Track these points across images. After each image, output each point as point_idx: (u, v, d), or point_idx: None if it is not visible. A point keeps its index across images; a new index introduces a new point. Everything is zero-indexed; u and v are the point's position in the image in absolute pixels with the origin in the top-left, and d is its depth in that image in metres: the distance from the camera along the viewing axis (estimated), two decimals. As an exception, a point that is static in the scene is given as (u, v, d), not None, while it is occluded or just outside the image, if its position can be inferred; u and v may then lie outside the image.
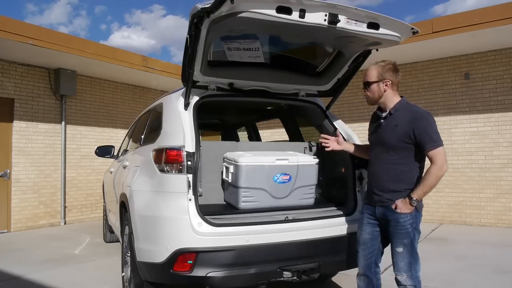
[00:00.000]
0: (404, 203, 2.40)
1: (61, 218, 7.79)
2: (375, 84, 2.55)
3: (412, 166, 2.45)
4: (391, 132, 2.48)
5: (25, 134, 7.31)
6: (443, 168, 2.33)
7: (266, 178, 3.02)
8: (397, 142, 2.44)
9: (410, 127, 2.39)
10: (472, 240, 5.79)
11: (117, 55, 7.56)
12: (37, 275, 4.30)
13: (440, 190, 7.22)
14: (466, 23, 5.95)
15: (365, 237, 2.63)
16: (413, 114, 2.44)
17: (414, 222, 2.44)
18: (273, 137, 8.42)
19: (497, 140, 6.80)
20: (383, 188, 2.51)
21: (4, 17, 5.93)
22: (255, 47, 3.00)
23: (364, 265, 2.64)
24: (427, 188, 2.36)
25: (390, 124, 2.50)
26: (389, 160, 2.48)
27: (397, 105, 2.52)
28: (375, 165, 2.60)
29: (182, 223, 2.59)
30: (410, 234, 2.43)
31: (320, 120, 3.57)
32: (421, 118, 2.40)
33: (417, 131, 2.37)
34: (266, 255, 2.69)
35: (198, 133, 2.88)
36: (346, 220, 2.98)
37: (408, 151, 2.44)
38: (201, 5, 2.32)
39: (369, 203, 2.63)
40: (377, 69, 2.55)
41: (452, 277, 4.02)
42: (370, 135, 2.72)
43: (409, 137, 2.40)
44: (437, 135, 2.37)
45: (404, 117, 2.45)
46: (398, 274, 2.47)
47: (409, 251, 2.44)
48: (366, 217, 2.64)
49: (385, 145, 2.51)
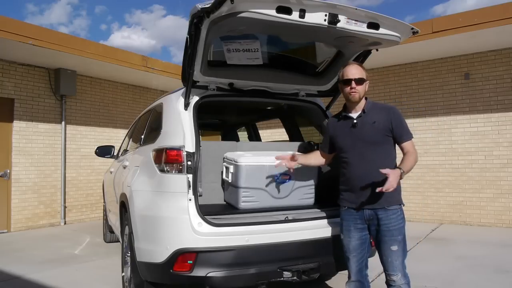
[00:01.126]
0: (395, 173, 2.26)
1: (61, 218, 7.79)
2: (365, 83, 2.57)
3: (392, 158, 2.54)
4: (371, 129, 2.51)
5: (25, 134, 7.31)
6: (417, 157, 2.50)
7: (266, 178, 3.03)
8: (381, 137, 2.51)
9: (388, 120, 2.49)
10: (472, 240, 5.78)
11: (117, 55, 7.56)
12: (37, 275, 4.30)
13: (440, 190, 7.23)
14: (466, 23, 5.95)
15: (355, 243, 2.57)
16: (386, 109, 2.58)
17: (404, 217, 2.50)
18: (273, 137, 8.42)
19: (497, 140, 6.80)
20: (373, 186, 2.40)
21: (4, 17, 5.93)
22: (254, 47, 3.00)
23: (356, 271, 2.59)
24: (410, 168, 2.42)
25: (367, 122, 2.52)
26: (376, 157, 2.48)
27: (367, 104, 2.59)
28: (359, 166, 2.51)
29: (182, 223, 2.59)
30: (402, 229, 2.46)
31: (320, 120, 3.57)
32: (394, 110, 2.55)
33: (395, 123, 2.49)
34: (266, 255, 2.69)
35: (198, 133, 2.88)
36: None
37: (389, 144, 2.53)
38: (201, 5, 2.32)
39: (355, 208, 2.54)
40: (363, 70, 2.59)
41: (452, 277, 4.02)
42: (342, 140, 2.62)
43: (389, 130, 2.50)
44: (408, 127, 2.55)
45: (379, 113, 2.53)
46: (393, 275, 2.43)
47: (402, 247, 2.46)
48: (352, 223, 2.57)
49: (368, 143, 2.50)
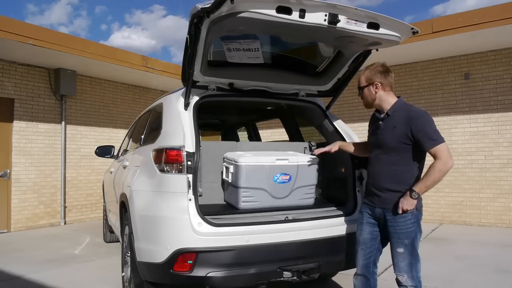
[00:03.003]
0: (406, 198, 2.37)
1: (61, 218, 7.79)
2: (366, 89, 2.57)
3: (411, 166, 2.45)
4: (389, 133, 2.48)
5: (25, 134, 7.31)
6: (448, 163, 2.28)
7: (266, 178, 3.02)
8: (396, 143, 2.43)
9: (407, 127, 2.38)
10: (472, 240, 5.78)
11: (117, 55, 7.56)
12: (37, 275, 4.30)
13: (440, 190, 7.22)
14: (466, 23, 5.94)
15: (365, 236, 2.63)
16: (409, 114, 2.42)
17: (415, 222, 2.43)
18: (273, 137, 8.41)
19: (497, 140, 6.80)
20: (382, 188, 2.51)
21: (4, 17, 5.93)
22: (255, 47, 3.00)
23: (362, 265, 2.64)
24: (430, 182, 2.31)
25: (389, 125, 2.50)
26: (389, 161, 2.48)
27: (394, 106, 2.51)
28: (375, 166, 2.59)
29: (182, 223, 2.59)
30: (410, 234, 2.42)
31: (320, 120, 3.57)
32: (417, 117, 2.38)
33: (415, 131, 2.35)
34: (266, 255, 2.69)
35: (198, 133, 2.88)
36: (346, 220, 2.97)
37: (407, 152, 2.43)
38: (201, 5, 2.33)
39: (368, 204, 2.63)
40: (366, 73, 2.58)
41: (452, 277, 4.01)
42: (369, 137, 2.73)
43: (407, 138, 2.38)
44: (436, 133, 2.34)
45: (402, 118, 2.44)
46: (399, 275, 2.47)
47: (409, 251, 2.43)
48: (365, 217, 2.64)
49: (384, 147, 2.51)
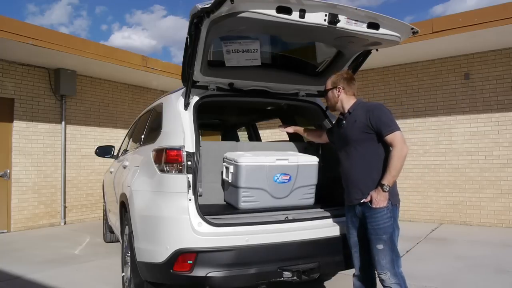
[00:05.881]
0: (377, 192, 2.46)
1: (61, 218, 7.79)
2: (330, 91, 2.78)
3: (379, 157, 2.55)
4: (352, 127, 2.63)
5: (25, 134, 7.31)
6: (403, 149, 2.43)
7: (266, 178, 3.03)
8: (359, 134, 2.57)
9: (367, 118, 2.54)
10: (472, 240, 5.78)
11: (117, 55, 7.56)
12: (37, 275, 4.30)
13: (440, 190, 7.23)
14: (466, 23, 5.94)
15: (354, 239, 2.71)
16: (367, 107, 2.62)
17: (391, 217, 2.50)
18: (273, 137, 8.41)
19: (497, 140, 6.80)
20: (357, 182, 2.59)
21: (4, 17, 5.93)
22: (254, 48, 3.00)
23: (359, 266, 2.73)
24: (394, 171, 2.42)
25: (351, 121, 2.66)
26: (357, 155, 2.60)
27: (354, 105, 2.70)
28: (345, 163, 2.70)
29: (182, 223, 2.59)
30: (387, 229, 2.48)
31: (320, 120, 3.57)
32: (374, 109, 2.57)
33: (373, 119, 2.52)
34: (266, 255, 2.69)
35: (198, 133, 2.88)
36: None
37: (371, 141, 2.55)
38: (201, 5, 2.33)
39: (349, 204, 2.69)
40: (331, 78, 2.80)
41: (452, 277, 4.02)
42: (335, 141, 2.90)
43: (368, 127, 2.53)
44: (392, 122, 2.50)
45: (361, 112, 2.62)
46: (381, 273, 2.50)
47: (390, 247, 2.48)
48: (349, 220, 2.73)
49: (349, 140, 2.64)
